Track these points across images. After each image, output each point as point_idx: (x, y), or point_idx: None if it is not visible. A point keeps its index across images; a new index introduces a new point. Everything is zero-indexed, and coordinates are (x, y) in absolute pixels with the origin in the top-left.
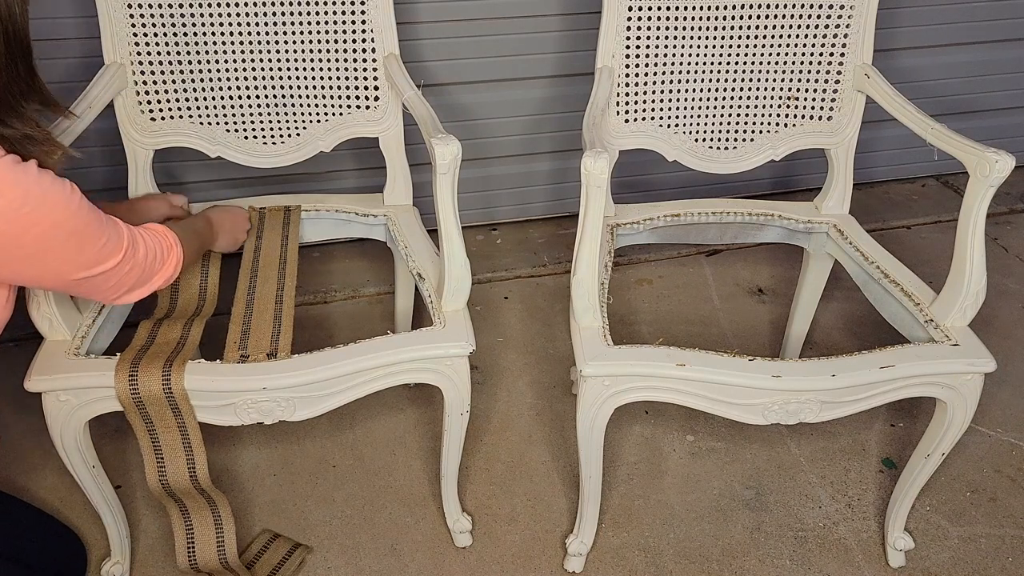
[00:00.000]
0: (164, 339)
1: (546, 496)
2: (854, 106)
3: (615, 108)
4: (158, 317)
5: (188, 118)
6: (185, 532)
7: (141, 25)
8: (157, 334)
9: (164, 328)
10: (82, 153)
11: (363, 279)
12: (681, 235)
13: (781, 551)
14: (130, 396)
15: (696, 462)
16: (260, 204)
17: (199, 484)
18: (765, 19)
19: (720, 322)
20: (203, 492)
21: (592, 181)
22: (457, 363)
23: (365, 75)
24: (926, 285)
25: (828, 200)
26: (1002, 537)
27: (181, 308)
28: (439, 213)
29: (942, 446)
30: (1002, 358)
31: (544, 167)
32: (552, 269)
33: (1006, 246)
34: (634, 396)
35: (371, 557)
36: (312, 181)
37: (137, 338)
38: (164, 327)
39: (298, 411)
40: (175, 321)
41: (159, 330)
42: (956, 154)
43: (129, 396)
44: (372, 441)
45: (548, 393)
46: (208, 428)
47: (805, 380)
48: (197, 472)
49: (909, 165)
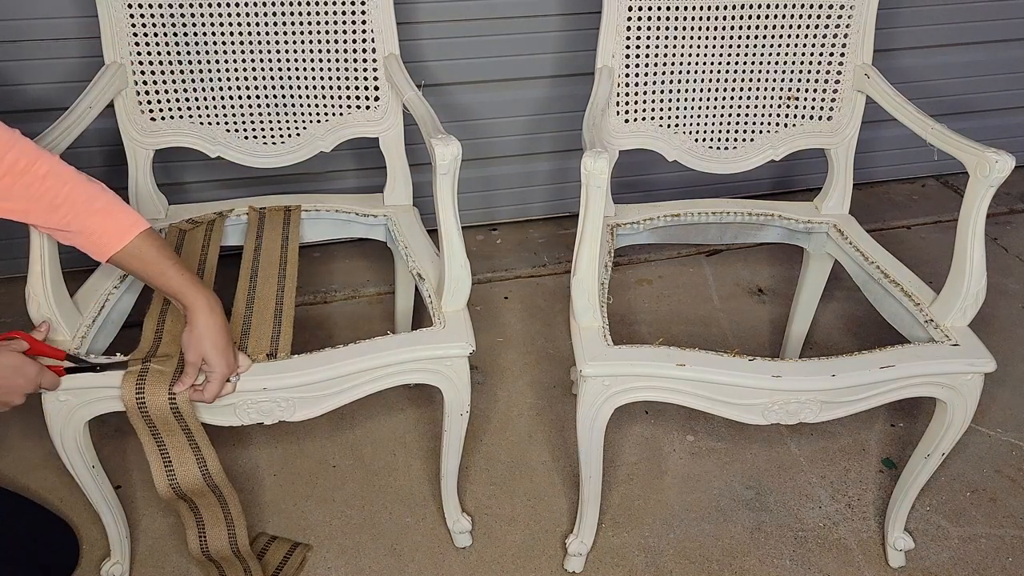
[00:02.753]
0: (166, 350)
1: (546, 496)
2: (854, 106)
3: (615, 108)
4: (159, 312)
5: (188, 118)
6: (196, 526)
7: (141, 25)
8: (163, 334)
9: (169, 325)
10: (82, 153)
11: (363, 279)
12: (681, 235)
13: (781, 551)
14: (136, 407)
15: (696, 462)
16: (260, 204)
17: (212, 481)
18: (765, 19)
19: (720, 322)
20: (215, 489)
21: (592, 181)
22: (457, 363)
23: (365, 75)
24: (926, 285)
25: (828, 200)
26: (1002, 537)
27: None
28: (439, 213)
29: (942, 446)
30: (1002, 358)
31: (544, 167)
32: (552, 269)
33: (1006, 246)
34: (634, 396)
35: (371, 557)
36: (312, 181)
37: (144, 340)
38: (168, 325)
39: (298, 411)
40: (176, 323)
41: (164, 328)
42: (956, 154)
43: (136, 407)
44: (372, 441)
45: (548, 393)
46: (208, 428)
47: (805, 380)
48: (209, 468)
49: (909, 165)
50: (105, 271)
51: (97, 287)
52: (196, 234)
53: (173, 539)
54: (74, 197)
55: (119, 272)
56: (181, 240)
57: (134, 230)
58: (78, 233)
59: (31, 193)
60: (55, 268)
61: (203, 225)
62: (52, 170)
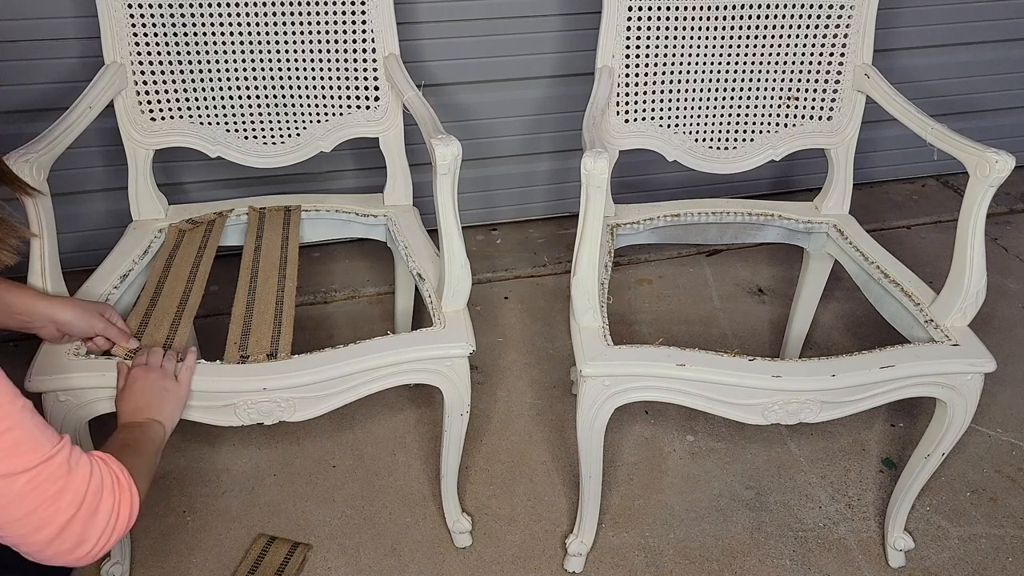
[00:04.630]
0: (151, 340)
1: (546, 496)
2: (854, 106)
3: (615, 108)
4: (144, 309)
5: (188, 118)
6: None
7: (141, 25)
8: (147, 327)
9: (152, 322)
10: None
11: (363, 279)
12: (681, 235)
13: (781, 551)
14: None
15: (696, 462)
16: (260, 204)
17: None
18: (765, 19)
19: (720, 322)
20: None
21: (592, 181)
22: (457, 363)
23: (365, 75)
24: (926, 285)
25: (828, 200)
26: (1002, 537)
27: (164, 299)
28: (439, 213)
29: (942, 446)
30: (1002, 358)
31: (544, 167)
32: (552, 269)
33: (1006, 246)
34: (634, 396)
35: (371, 557)
36: (312, 181)
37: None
38: (152, 321)
39: (298, 411)
40: (162, 317)
41: (148, 323)
42: (956, 154)
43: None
44: (372, 441)
45: (548, 393)
46: (208, 428)
47: (805, 380)
48: None
49: (909, 165)
50: (105, 271)
51: (98, 287)
52: (195, 235)
53: (173, 539)
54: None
55: (119, 272)
56: (179, 241)
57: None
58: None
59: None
60: (55, 268)
61: (202, 226)
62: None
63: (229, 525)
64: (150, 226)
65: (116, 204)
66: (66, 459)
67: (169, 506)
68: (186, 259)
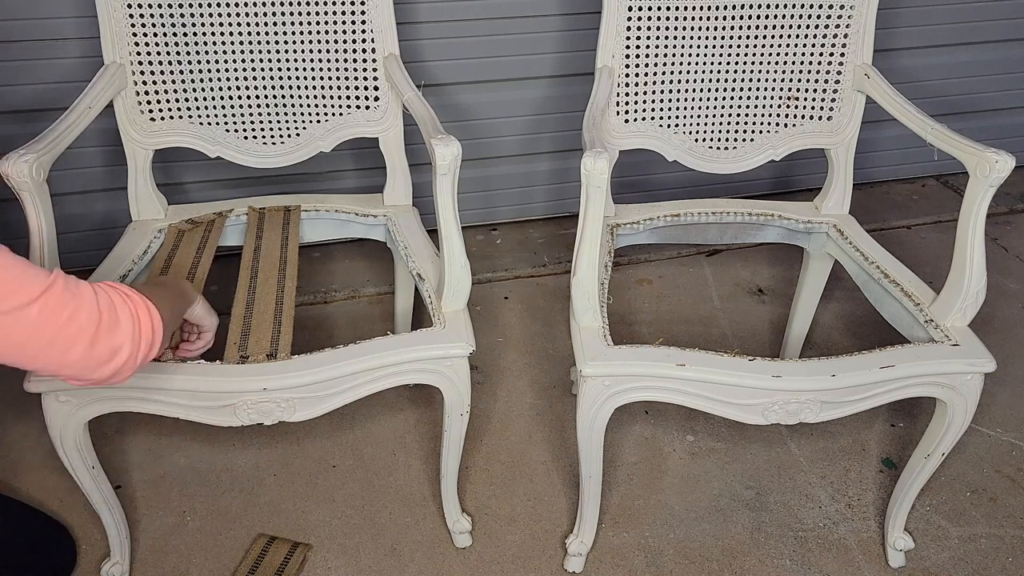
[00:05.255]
0: None
1: (546, 496)
2: (854, 106)
3: (615, 108)
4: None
5: (188, 118)
6: None
7: (141, 25)
8: None
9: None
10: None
11: (363, 279)
12: (681, 235)
13: (781, 551)
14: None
15: (696, 462)
16: (260, 204)
17: None
18: (765, 19)
19: (720, 322)
20: None
21: (592, 181)
22: (457, 364)
23: (365, 75)
24: (926, 285)
25: (828, 200)
26: (1002, 537)
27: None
28: (439, 213)
29: (942, 446)
30: (1002, 358)
31: (544, 167)
32: (552, 269)
33: (1006, 246)
34: (634, 396)
35: (371, 557)
36: (312, 181)
37: None
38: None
39: (298, 412)
40: None
41: None
42: (956, 154)
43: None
44: (372, 441)
45: (548, 393)
46: (208, 428)
47: (805, 380)
48: None
49: (909, 165)
50: (105, 271)
51: None
52: (193, 235)
53: (173, 539)
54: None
55: (119, 272)
56: (179, 241)
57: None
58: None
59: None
60: (55, 268)
61: (202, 226)
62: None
63: (229, 525)
64: (150, 226)
65: (116, 204)
66: (65, 285)
67: (169, 506)
68: (186, 259)
